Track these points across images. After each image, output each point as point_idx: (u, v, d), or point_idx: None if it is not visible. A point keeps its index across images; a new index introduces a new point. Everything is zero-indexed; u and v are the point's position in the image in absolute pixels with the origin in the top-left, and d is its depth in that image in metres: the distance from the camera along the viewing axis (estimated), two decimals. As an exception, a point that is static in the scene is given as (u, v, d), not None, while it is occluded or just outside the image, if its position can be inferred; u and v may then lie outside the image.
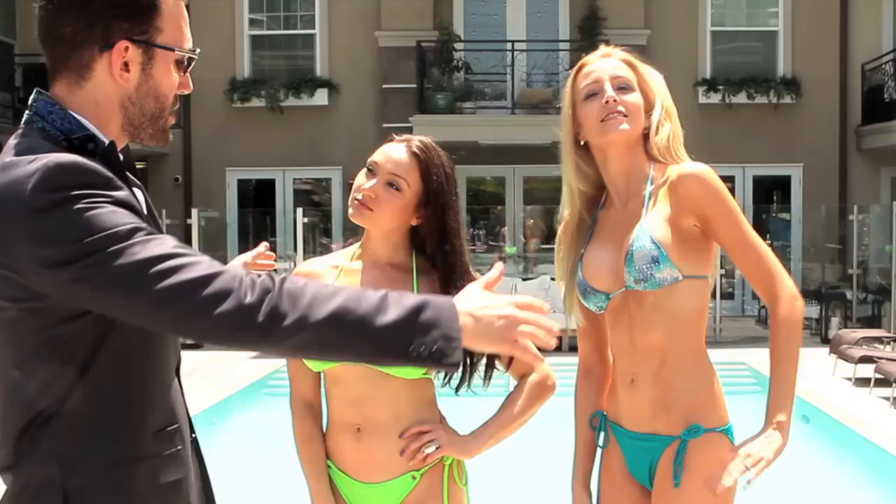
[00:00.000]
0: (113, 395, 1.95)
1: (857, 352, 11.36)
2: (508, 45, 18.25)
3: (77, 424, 1.92)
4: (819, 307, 15.66)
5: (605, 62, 2.90)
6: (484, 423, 2.91)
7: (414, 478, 2.84)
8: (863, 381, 10.82)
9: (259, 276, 1.80)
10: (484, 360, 2.88)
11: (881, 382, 10.38)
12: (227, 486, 2.84)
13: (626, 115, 2.82)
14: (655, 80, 2.96)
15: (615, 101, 2.80)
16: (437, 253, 2.84)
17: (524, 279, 15.41)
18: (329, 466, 2.91)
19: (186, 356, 2.30)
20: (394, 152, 2.84)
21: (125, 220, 1.79)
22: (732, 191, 18.89)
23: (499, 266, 2.04)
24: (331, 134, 18.97)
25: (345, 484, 2.89)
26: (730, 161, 18.82)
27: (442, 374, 2.86)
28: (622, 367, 2.93)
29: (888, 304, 15.14)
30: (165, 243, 1.79)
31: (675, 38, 18.88)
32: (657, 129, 2.91)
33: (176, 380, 2.12)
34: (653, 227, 2.80)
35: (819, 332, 15.40)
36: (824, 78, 18.86)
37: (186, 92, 2.09)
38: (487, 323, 1.84)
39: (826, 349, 12.84)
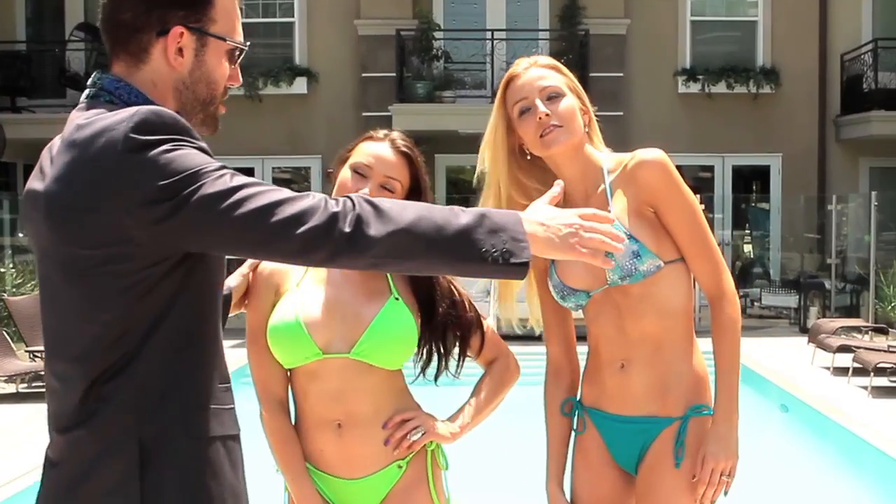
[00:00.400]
0: (184, 345, 2.03)
1: (836, 341, 11.41)
2: (488, 34, 18.21)
3: (151, 373, 1.99)
4: (798, 296, 15.73)
5: (532, 73, 2.89)
6: (460, 409, 2.93)
7: (400, 467, 2.82)
8: (841, 371, 10.85)
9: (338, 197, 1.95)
10: (456, 349, 2.91)
11: (859, 371, 10.42)
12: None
13: (560, 126, 2.82)
14: (575, 80, 2.96)
15: (547, 115, 2.81)
16: None
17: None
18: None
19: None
20: (383, 153, 2.82)
21: (211, 159, 1.94)
22: (712, 180, 19.01)
23: (560, 183, 2.22)
24: (310, 122, 18.89)
25: (325, 483, 2.84)
26: (709, 151, 18.89)
27: (417, 366, 2.90)
28: (609, 353, 2.93)
29: (866, 293, 15.22)
30: (250, 178, 1.93)
31: (654, 28, 18.88)
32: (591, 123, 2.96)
33: None
34: (623, 220, 2.80)
35: (798, 322, 15.48)
36: (803, 68, 18.89)
37: (236, 84, 2.24)
38: (555, 230, 2.00)
39: (805, 338, 12.91)
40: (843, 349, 11.02)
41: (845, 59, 18.95)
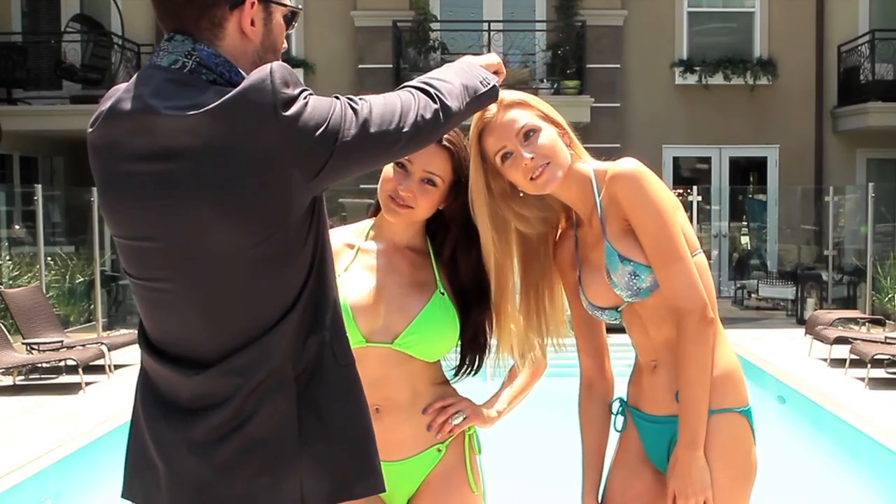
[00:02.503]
0: (323, 279, 2.17)
1: (833, 332, 11.41)
2: (485, 25, 18.19)
3: (305, 311, 2.12)
4: (795, 288, 15.74)
5: (502, 119, 2.79)
6: (496, 394, 3.01)
7: (440, 450, 2.89)
8: (838, 362, 10.86)
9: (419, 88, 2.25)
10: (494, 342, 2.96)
11: (856, 363, 10.43)
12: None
13: (548, 163, 2.76)
14: (543, 102, 2.88)
15: (532, 159, 2.74)
16: (461, 238, 2.86)
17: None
18: None
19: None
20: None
21: (329, 98, 2.08)
22: (709, 172, 19.01)
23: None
24: (307, 114, 18.85)
25: None
26: (706, 142, 18.90)
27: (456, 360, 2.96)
28: (644, 356, 2.96)
29: (863, 284, 15.22)
30: (354, 98, 2.15)
31: (651, 19, 18.88)
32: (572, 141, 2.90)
33: None
34: (616, 243, 2.80)
35: (795, 313, 15.49)
36: (800, 59, 18.90)
37: (285, 48, 2.24)
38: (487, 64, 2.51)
39: (802, 330, 12.93)
40: (841, 340, 11.03)
41: (842, 50, 18.95)
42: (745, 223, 19.93)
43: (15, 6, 19.38)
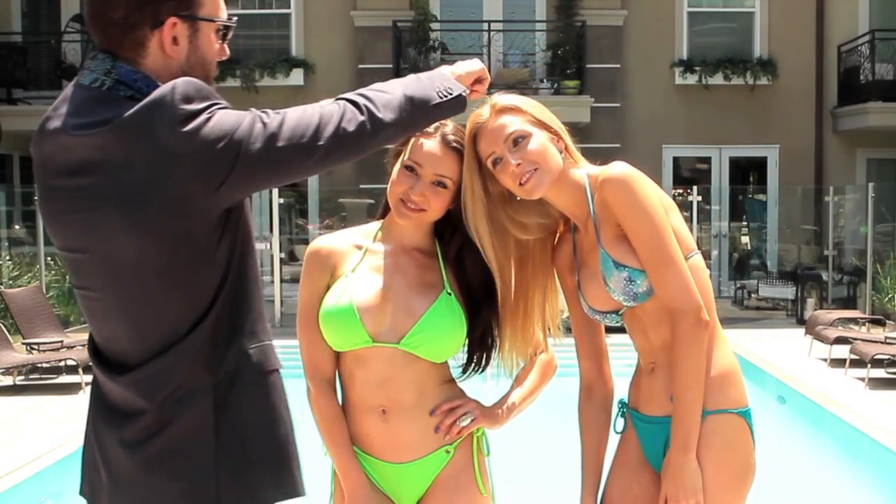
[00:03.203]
0: (241, 289, 2.21)
1: (833, 332, 11.41)
2: (485, 26, 18.18)
3: (219, 321, 2.17)
4: (795, 288, 15.74)
5: (493, 124, 2.80)
6: (505, 396, 3.00)
7: (448, 452, 2.89)
8: (838, 362, 10.86)
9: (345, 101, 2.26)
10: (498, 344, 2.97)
11: (856, 363, 10.43)
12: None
13: (537, 168, 2.75)
14: (539, 107, 2.87)
15: (519, 165, 2.74)
16: (467, 238, 2.84)
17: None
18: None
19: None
20: (433, 150, 2.79)
21: (237, 111, 2.10)
22: (709, 172, 19.00)
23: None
24: (307, 114, 18.82)
25: (373, 467, 2.89)
26: (706, 142, 18.89)
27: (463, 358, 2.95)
28: (644, 358, 2.97)
29: (863, 284, 15.23)
30: (268, 112, 2.14)
31: (651, 19, 18.87)
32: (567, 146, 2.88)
33: None
34: (610, 249, 2.80)
35: (795, 313, 15.48)
36: (801, 59, 18.90)
37: (224, 58, 2.29)
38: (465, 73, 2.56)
39: (802, 330, 12.93)
40: (841, 341, 11.04)
41: (842, 50, 18.95)
42: (745, 223, 19.93)
43: (15, 6, 19.40)
